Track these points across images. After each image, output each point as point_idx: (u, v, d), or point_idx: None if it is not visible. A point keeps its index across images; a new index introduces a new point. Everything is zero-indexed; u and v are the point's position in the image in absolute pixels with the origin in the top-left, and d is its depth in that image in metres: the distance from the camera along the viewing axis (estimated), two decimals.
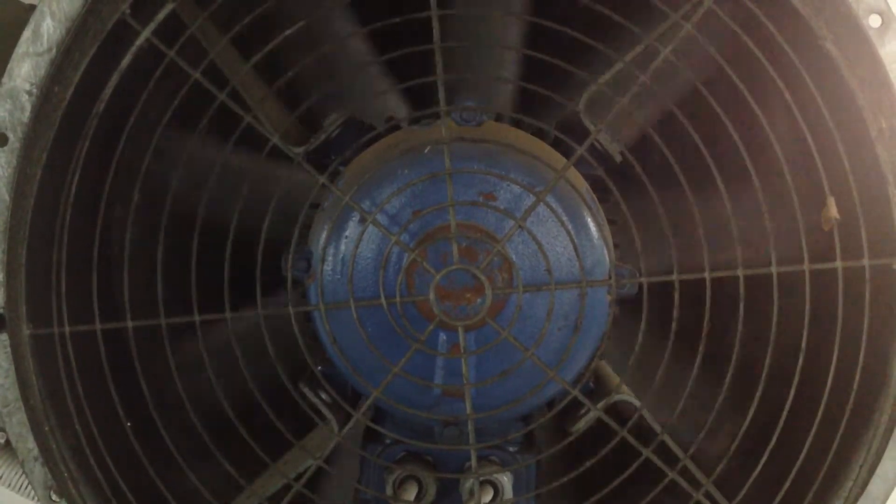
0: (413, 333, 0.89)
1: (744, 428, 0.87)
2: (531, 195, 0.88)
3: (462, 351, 0.88)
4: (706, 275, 0.85)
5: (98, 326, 0.87)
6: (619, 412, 0.93)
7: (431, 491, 0.96)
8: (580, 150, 0.88)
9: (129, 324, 0.87)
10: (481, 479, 0.94)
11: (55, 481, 0.89)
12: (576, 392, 0.90)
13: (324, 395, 0.95)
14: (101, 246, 0.88)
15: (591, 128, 0.90)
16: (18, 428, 0.88)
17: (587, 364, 0.93)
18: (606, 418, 0.90)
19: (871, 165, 0.84)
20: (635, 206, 0.88)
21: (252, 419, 0.92)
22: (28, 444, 0.88)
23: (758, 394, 0.86)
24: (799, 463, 0.86)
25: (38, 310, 0.87)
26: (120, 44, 0.86)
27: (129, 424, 0.89)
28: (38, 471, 0.89)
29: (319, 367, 0.95)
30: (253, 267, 0.88)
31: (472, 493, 0.92)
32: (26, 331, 0.86)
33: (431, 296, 0.88)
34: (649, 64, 0.85)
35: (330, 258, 0.91)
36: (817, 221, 0.87)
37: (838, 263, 0.84)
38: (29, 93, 0.84)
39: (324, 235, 0.91)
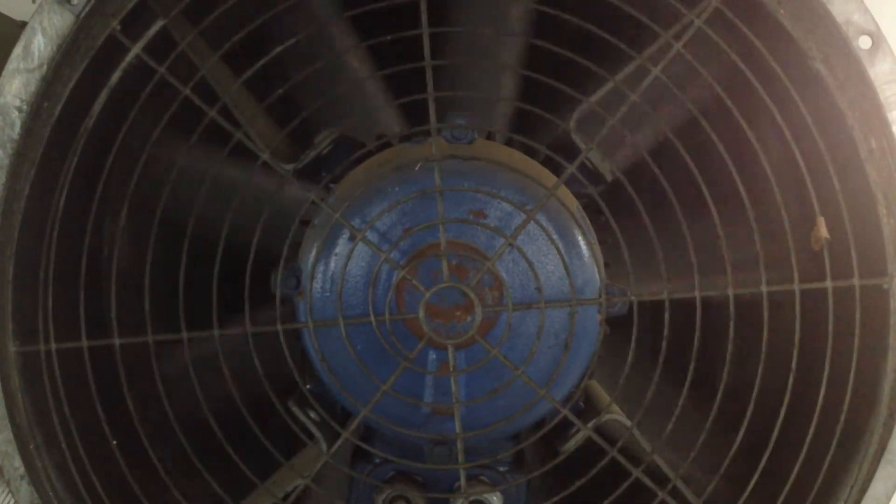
0: (402, 351, 0.88)
1: (734, 448, 0.86)
2: (522, 213, 0.88)
3: (451, 369, 0.88)
4: (696, 293, 0.85)
5: (85, 343, 0.87)
6: (609, 431, 0.93)
7: None
8: (571, 169, 0.88)
9: (116, 341, 0.87)
10: (471, 498, 0.93)
11: (41, 500, 0.88)
12: (566, 411, 0.90)
13: (313, 414, 0.94)
14: (89, 262, 0.88)
15: (582, 146, 0.90)
16: (4, 446, 0.87)
17: (577, 383, 0.93)
18: (597, 437, 0.90)
19: (862, 185, 0.84)
20: (626, 225, 0.88)
21: (241, 437, 0.91)
22: (14, 463, 0.87)
23: (748, 413, 0.86)
24: (789, 483, 0.86)
25: (25, 326, 0.86)
26: (110, 60, 0.86)
27: (114, 442, 0.88)
28: (25, 490, 0.88)
29: (308, 386, 0.95)
30: (242, 284, 0.87)
31: None
32: (12, 347, 0.86)
33: (421, 313, 0.87)
34: (640, 83, 0.85)
35: (319, 275, 0.90)
36: (807, 241, 0.87)
37: (828, 283, 0.84)
38: (19, 109, 0.84)
39: (313, 252, 0.90)
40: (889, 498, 0.86)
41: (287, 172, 0.90)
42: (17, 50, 0.84)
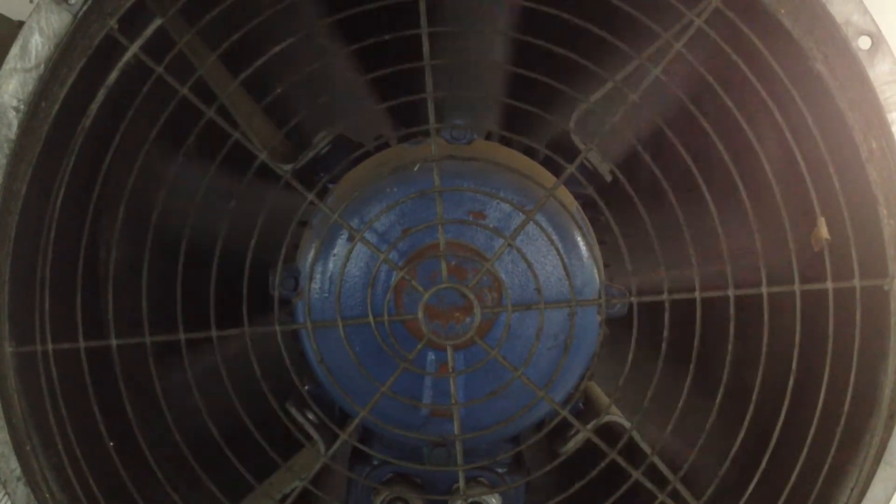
0: (401, 353, 0.88)
1: (734, 450, 0.86)
2: (521, 213, 0.88)
3: (450, 370, 0.88)
4: (696, 295, 0.85)
5: (81, 344, 0.86)
6: (609, 432, 0.92)
7: None
8: (570, 169, 0.87)
9: (114, 342, 0.86)
10: (470, 500, 0.93)
11: (37, 502, 0.87)
12: (565, 412, 0.89)
13: (311, 416, 0.94)
14: (86, 263, 0.87)
15: (582, 146, 0.90)
16: (1, 448, 0.87)
17: (577, 384, 0.93)
18: (596, 439, 0.89)
19: (862, 186, 0.84)
20: (626, 226, 0.87)
21: (239, 439, 0.91)
22: (11, 465, 0.87)
23: (748, 415, 0.86)
24: (790, 486, 0.86)
25: (22, 327, 0.86)
26: (107, 59, 0.85)
27: (111, 444, 0.88)
28: (21, 491, 0.87)
29: (307, 387, 0.94)
30: (241, 285, 0.87)
31: None
32: (9, 348, 0.85)
33: (420, 314, 0.87)
34: (640, 83, 0.85)
35: (318, 276, 0.90)
36: (808, 242, 0.87)
37: (829, 284, 0.84)
38: (16, 109, 0.83)
39: (312, 253, 0.90)
40: (889, 500, 0.86)
41: (285, 172, 0.89)
42: (15, 49, 0.83)
